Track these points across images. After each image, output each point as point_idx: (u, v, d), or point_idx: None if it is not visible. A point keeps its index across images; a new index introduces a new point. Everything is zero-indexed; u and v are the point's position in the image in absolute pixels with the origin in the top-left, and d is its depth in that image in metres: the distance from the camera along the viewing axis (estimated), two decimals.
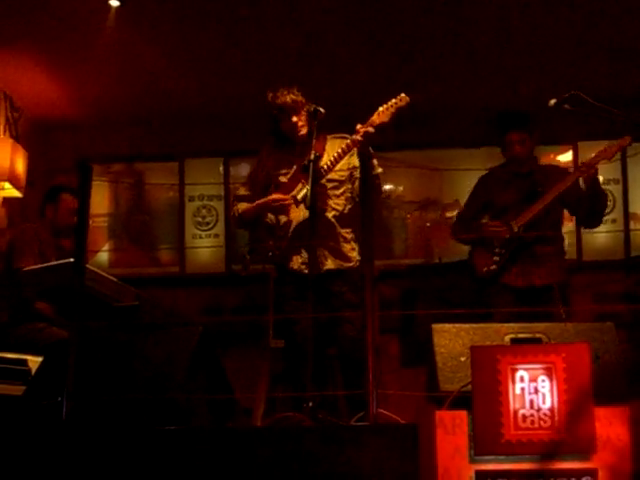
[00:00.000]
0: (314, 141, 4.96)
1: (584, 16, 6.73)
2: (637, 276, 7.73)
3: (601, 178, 7.04)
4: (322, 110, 5.06)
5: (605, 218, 7.95)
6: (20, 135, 8.06)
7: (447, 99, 7.78)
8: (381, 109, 5.00)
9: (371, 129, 4.94)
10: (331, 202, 5.22)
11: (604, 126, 5.43)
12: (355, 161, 5.16)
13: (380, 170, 5.19)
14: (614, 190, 8.30)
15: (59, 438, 3.63)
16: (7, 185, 7.38)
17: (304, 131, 5.24)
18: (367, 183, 4.07)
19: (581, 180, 5.57)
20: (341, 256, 5.20)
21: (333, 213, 5.22)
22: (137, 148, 8.64)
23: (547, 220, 5.61)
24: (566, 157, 8.34)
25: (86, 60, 7.24)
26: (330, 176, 5.14)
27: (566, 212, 5.85)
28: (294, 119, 5.22)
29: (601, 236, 8.24)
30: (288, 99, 5.21)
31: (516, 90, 7.59)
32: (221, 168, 8.80)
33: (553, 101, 4.69)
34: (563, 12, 6.68)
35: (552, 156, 8.39)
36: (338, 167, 5.12)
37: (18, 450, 3.62)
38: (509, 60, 7.36)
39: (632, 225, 8.32)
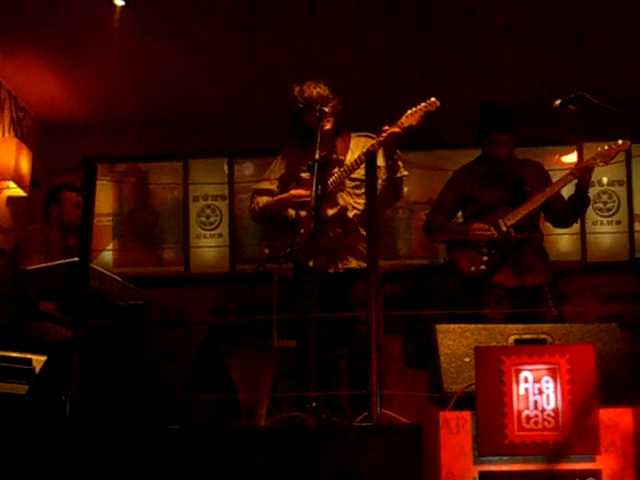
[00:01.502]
0: (319, 140, 4.92)
1: (589, 18, 6.74)
2: None
3: (605, 180, 7.03)
4: (326, 109, 5.05)
5: (610, 219, 7.96)
6: (25, 134, 8.08)
7: (453, 99, 7.77)
8: (410, 112, 4.93)
9: (397, 130, 4.89)
10: (352, 201, 5.16)
11: (609, 127, 5.42)
12: (379, 161, 5.01)
13: (406, 173, 5.13)
14: (618, 191, 8.29)
15: (63, 437, 3.64)
16: (12, 184, 7.40)
17: (328, 126, 5.16)
18: (372, 182, 4.04)
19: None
20: (360, 256, 5.09)
21: (354, 212, 5.15)
22: (141, 148, 8.65)
23: (528, 219, 5.50)
24: (571, 158, 8.33)
25: (90, 60, 7.26)
26: (353, 175, 5.08)
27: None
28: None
29: (605, 237, 8.24)
30: (314, 93, 5.12)
31: (522, 91, 7.58)
32: (225, 168, 8.81)
33: (558, 102, 4.69)
34: (570, 17, 6.69)
35: (557, 157, 8.39)
36: (361, 166, 5.04)
37: (22, 449, 3.62)
38: (515, 61, 7.35)
39: (636, 226, 8.31)
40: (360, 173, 5.09)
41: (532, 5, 6.59)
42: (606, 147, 5.37)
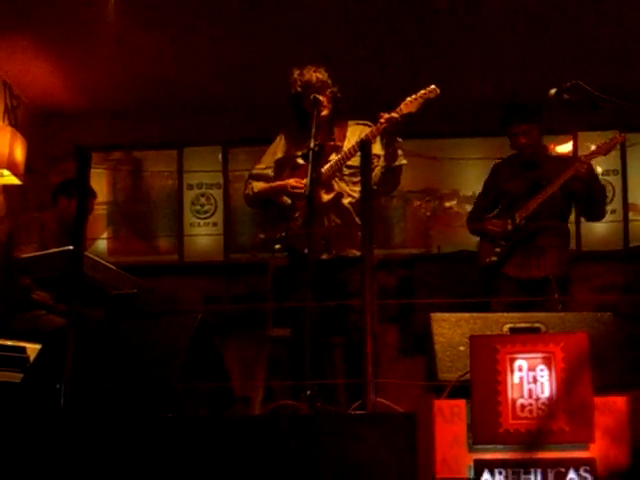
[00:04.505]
0: (314, 130, 4.90)
1: (589, 13, 6.73)
2: (636, 266, 7.74)
3: (599, 169, 7.03)
4: (321, 98, 5.04)
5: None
6: (19, 123, 8.04)
7: (447, 89, 7.77)
8: (409, 99, 4.93)
9: (396, 116, 4.88)
10: (347, 189, 5.13)
11: (604, 116, 5.42)
12: (376, 149, 5.02)
13: (405, 162, 5.10)
14: (613, 181, 8.29)
15: (57, 425, 3.64)
16: (6, 172, 7.35)
17: (325, 112, 5.14)
18: (367, 171, 4.04)
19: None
20: (355, 243, 5.03)
21: (349, 200, 5.12)
22: (136, 136, 8.62)
23: (551, 212, 5.63)
24: (566, 147, 8.32)
25: (85, 48, 7.23)
26: (349, 162, 5.05)
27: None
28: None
29: (600, 227, 8.22)
30: (314, 77, 5.12)
31: (517, 80, 7.57)
32: (220, 156, 8.79)
33: (553, 91, 4.68)
34: (565, 10, 6.69)
35: (552, 146, 8.36)
36: (358, 154, 5.00)
37: (16, 437, 3.62)
38: (511, 51, 7.34)
39: (631, 216, 8.31)
40: (356, 161, 5.00)
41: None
42: (604, 140, 5.55)
